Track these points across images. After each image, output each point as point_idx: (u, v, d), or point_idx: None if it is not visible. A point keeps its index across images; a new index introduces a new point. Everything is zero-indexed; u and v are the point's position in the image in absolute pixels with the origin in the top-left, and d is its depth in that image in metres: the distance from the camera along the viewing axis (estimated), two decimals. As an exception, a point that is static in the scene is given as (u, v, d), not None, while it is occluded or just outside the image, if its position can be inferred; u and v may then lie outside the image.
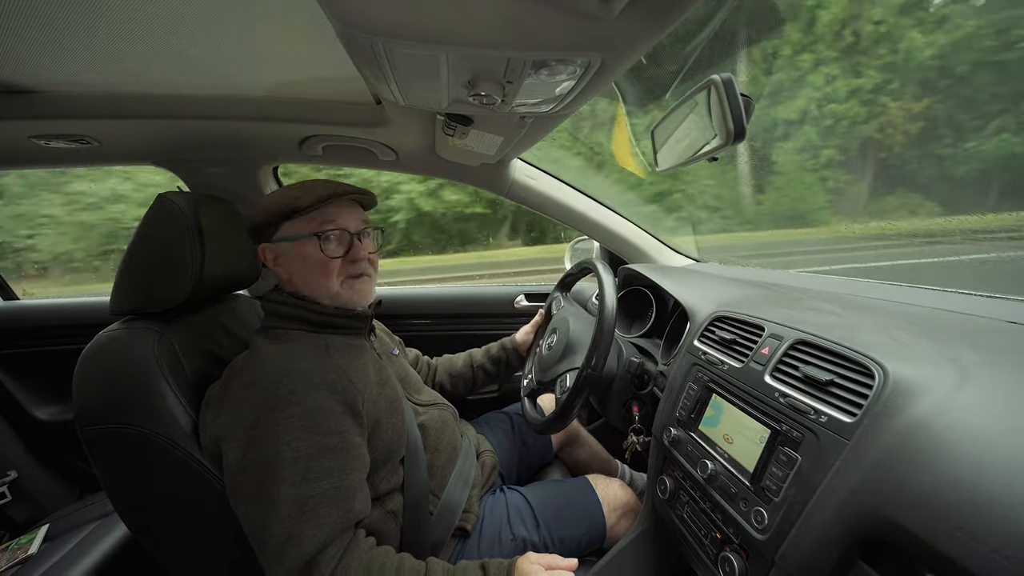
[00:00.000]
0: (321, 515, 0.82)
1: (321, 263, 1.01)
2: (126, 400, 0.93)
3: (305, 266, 1.01)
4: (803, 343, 0.82)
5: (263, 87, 1.21)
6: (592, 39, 0.66)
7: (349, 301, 1.05)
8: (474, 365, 1.52)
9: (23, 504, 1.80)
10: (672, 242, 1.95)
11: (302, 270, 1.02)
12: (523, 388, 1.39)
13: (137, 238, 1.04)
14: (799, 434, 0.72)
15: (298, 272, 1.02)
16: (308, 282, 1.03)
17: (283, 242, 1.01)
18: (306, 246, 1.00)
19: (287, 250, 1.02)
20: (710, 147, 0.92)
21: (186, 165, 1.57)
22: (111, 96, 1.19)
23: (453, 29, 0.64)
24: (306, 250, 1.00)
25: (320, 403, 0.88)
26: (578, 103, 0.93)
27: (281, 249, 1.02)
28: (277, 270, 1.04)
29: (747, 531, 0.75)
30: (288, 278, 1.04)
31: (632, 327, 1.72)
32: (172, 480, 0.96)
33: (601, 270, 1.19)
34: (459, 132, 1.14)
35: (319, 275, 1.02)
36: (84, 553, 1.37)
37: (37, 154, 1.39)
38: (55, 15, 0.86)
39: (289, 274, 1.03)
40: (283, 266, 1.03)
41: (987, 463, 0.51)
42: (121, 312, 1.05)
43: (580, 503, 1.21)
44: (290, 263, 1.02)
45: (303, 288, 1.03)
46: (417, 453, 1.07)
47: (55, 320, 1.95)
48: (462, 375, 1.51)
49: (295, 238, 1.00)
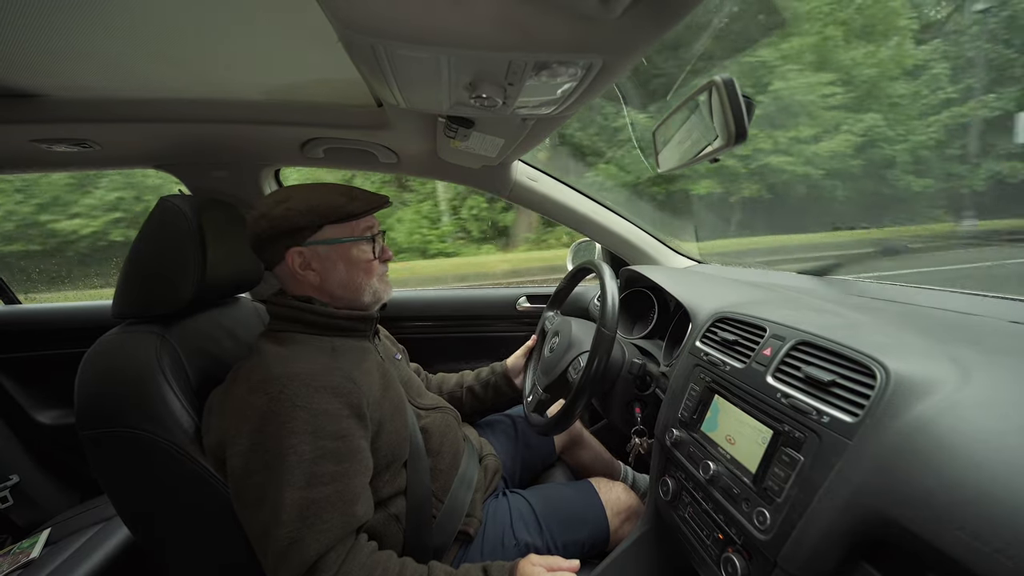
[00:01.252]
0: (324, 520, 0.82)
1: (366, 264, 1.06)
2: (128, 404, 0.93)
3: (349, 267, 1.04)
4: (805, 344, 0.82)
5: (264, 90, 1.21)
6: (593, 40, 0.66)
7: (385, 296, 1.12)
8: (464, 386, 1.51)
9: (25, 508, 1.80)
10: (673, 243, 1.95)
11: (345, 271, 1.04)
12: (526, 403, 1.39)
13: (139, 242, 1.04)
14: (801, 435, 0.72)
15: (338, 273, 1.04)
16: (351, 281, 1.05)
17: (322, 244, 1.01)
18: (352, 249, 1.04)
19: (326, 253, 1.02)
20: (711, 148, 0.92)
21: (188, 168, 1.58)
22: (112, 100, 1.19)
23: (454, 31, 0.64)
24: (352, 252, 1.04)
25: (325, 406, 0.88)
26: (579, 104, 0.93)
27: (318, 252, 1.02)
28: (306, 273, 1.02)
29: (749, 532, 0.74)
30: (320, 281, 1.03)
31: (634, 328, 1.72)
32: (174, 484, 0.95)
33: (602, 270, 1.19)
34: (460, 134, 1.14)
35: (363, 275, 1.06)
36: (86, 557, 1.36)
37: (39, 157, 1.39)
38: (56, 19, 0.86)
39: (323, 276, 1.03)
40: (317, 268, 1.03)
41: (989, 463, 0.51)
42: (123, 316, 1.05)
43: (583, 507, 1.21)
44: (327, 265, 1.03)
45: (339, 288, 1.05)
46: (420, 456, 1.07)
47: (57, 324, 1.95)
48: (452, 395, 1.50)
49: (340, 241, 1.03)
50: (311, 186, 1.03)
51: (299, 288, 1.04)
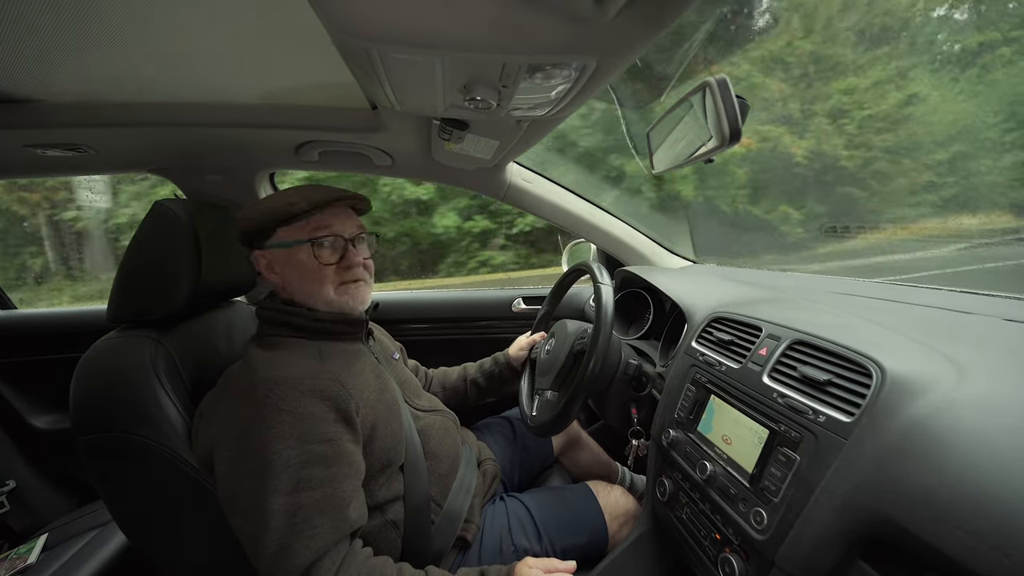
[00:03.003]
0: (313, 525, 0.81)
1: (315, 270, 1.00)
2: (123, 408, 0.93)
3: (299, 273, 1.00)
4: (801, 343, 0.82)
5: (259, 94, 1.21)
6: (587, 42, 0.66)
7: (345, 307, 1.04)
8: (467, 379, 1.50)
9: (22, 513, 1.80)
10: (669, 243, 1.95)
11: (296, 277, 1.01)
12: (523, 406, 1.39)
13: (133, 246, 1.04)
14: (797, 434, 0.72)
15: (292, 279, 1.01)
16: (302, 289, 1.01)
17: (277, 248, 1.00)
18: (300, 252, 0.99)
19: (281, 256, 1.00)
20: (706, 149, 0.92)
21: (182, 172, 1.57)
22: (106, 104, 1.19)
23: (448, 34, 0.64)
24: (300, 256, 0.99)
25: (311, 410, 0.86)
26: (574, 106, 0.93)
27: (275, 255, 1.01)
28: (271, 277, 1.02)
29: (747, 532, 0.74)
30: (282, 285, 1.02)
31: (630, 329, 1.73)
32: (170, 488, 0.95)
33: (596, 269, 1.19)
34: (455, 136, 1.14)
35: (313, 282, 1.00)
36: (83, 562, 1.36)
37: (33, 163, 1.39)
38: (49, 24, 0.86)
39: (283, 281, 1.02)
40: (277, 273, 1.02)
41: (986, 461, 0.51)
42: (118, 320, 1.05)
43: (581, 512, 1.20)
44: (284, 270, 1.01)
45: (297, 295, 1.02)
46: (417, 459, 1.06)
47: (52, 329, 1.95)
48: (456, 388, 1.50)
49: (289, 244, 0.99)
50: (288, 188, 1.03)
51: (284, 292, 1.04)
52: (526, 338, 1.52)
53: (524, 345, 1.51)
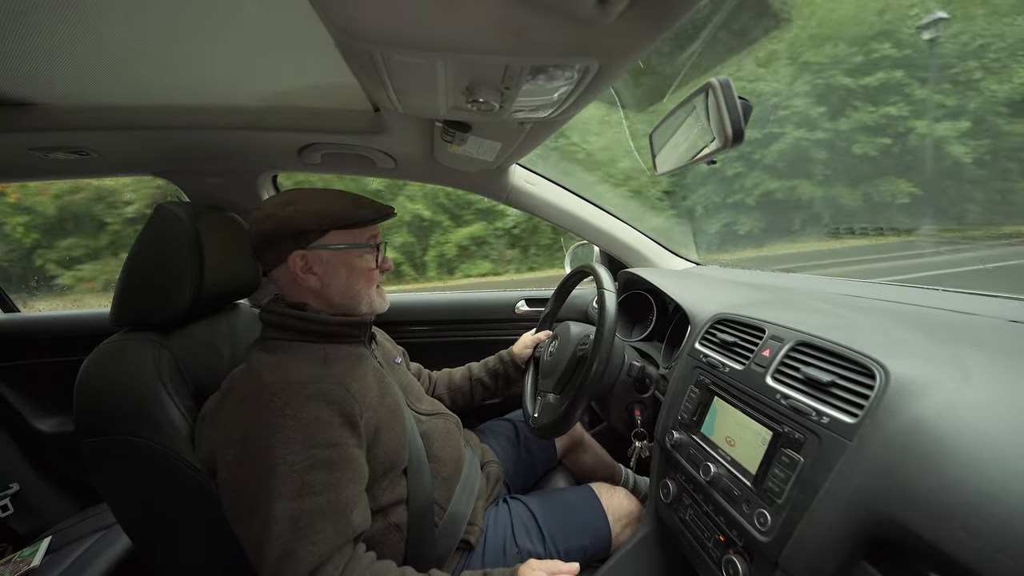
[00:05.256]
0: (317, 531, 0.81)
1: (368, 272, 1.05)
2: (126, 411, 0.93)
3: (350, 274, 1.03)
4: (804, 344, 0.82)
5: (261, 96, 1.21)
6: (589, 44, 0.66)
7: (379, 307, 1.10)
8: (472, 378, 1.50)
9: (25, 516, 1.80)
10: (672, 246, 1.95)
11: (346, 277, 1.03)
12: (526, 408, 1.39)
13: (136, 249, 1.04)
14: (801, 436, 0.72)
15: (338, 279, 1.02)
16: (350, 289, 1.04)
17: (324, 250, 1.00)
18: (355, 256, 1.03)
19: (327, 257, 1.01)
20: (709, 150, 0.92)
21: (185, 175, 1.58)
22: (110, 108, 1.19)
23: (450, 36, 0.64)
24: (354, 260, 1.03)
25: (315, 414, 0.86)
26: (576, 108, 0.93)
27: (319, 256, 1.00)
28: (307, 277, 1.01)
29: (750, 533, 0.74)
30: (320, 286, 1.02)
31: (633, 331, 1.73)
32: (174, 491, 0.95)
33: (600, 272, 1.19)
34: (458, 139, 1.14)
35: (364, 283, 1.05)
36: (87, 565, 1.36)
37: (37, 166, 1.39)
38: (52, 28, 0.86)
39: (324, 281, 1.02)
40: (316, 273, 1.01)
41: (989, 463, 0.51)
42: (121, 323, 1.05)
43: (585, 514, 1.20)
44: (328, 270, 1.01)
45: (338, 295, 1.03)
46: (421, 463, 1.06)
47: (56, 332, 1.95)
48: (461, 388, 1.50)
49: (346, 247, 1.02)
50: (318, 191, 1.03)
51: (296, 293, 1.03)
52: (531, 336, 1.52)
53: (529, 343, 1.51)
